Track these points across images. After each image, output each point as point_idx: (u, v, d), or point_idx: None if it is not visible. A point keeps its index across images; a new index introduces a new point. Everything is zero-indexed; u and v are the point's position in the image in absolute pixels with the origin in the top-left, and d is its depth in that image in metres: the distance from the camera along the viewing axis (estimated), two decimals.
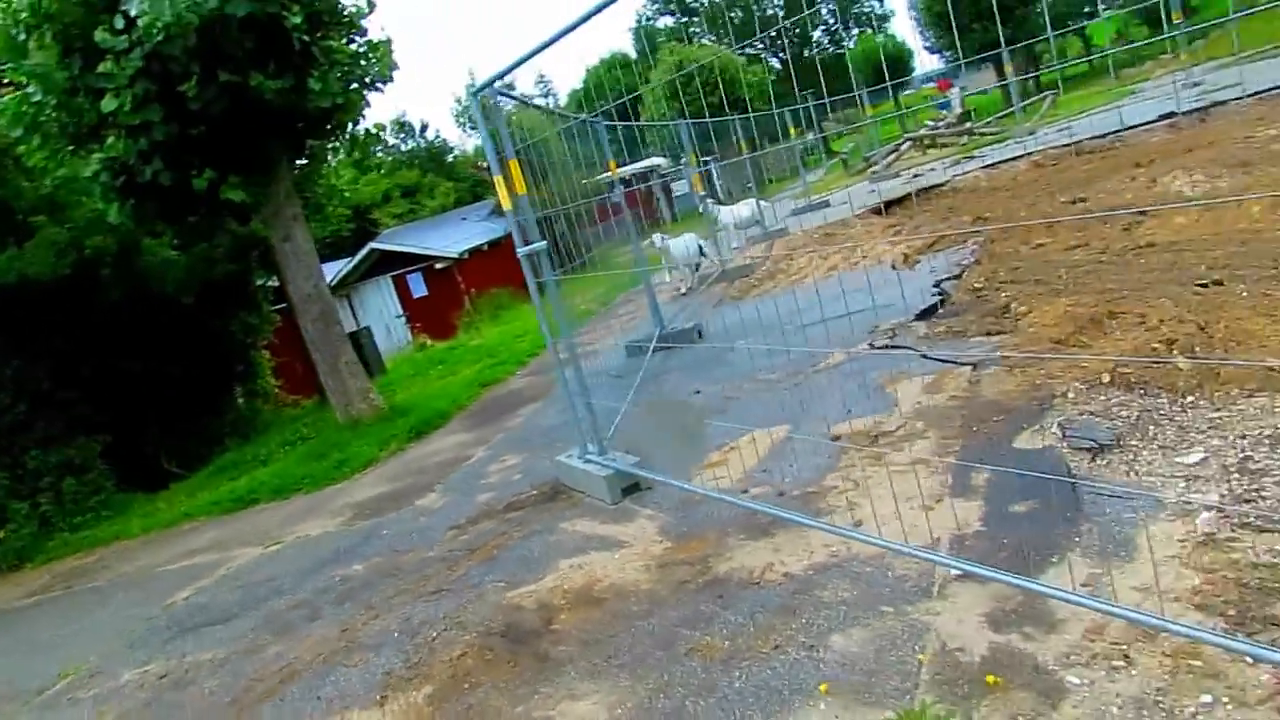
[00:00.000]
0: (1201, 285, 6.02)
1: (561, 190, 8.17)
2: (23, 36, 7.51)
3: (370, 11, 8.82)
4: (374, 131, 11.19)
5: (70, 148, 8.16)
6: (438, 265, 22.11)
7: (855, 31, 74.44)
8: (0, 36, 7.59)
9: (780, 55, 68.61)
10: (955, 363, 5.78)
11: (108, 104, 7.44)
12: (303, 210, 10.27)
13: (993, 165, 17.46)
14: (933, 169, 20.75)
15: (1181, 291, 5.93)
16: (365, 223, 38.52)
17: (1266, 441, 3.58)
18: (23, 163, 8.97)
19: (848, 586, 3.46)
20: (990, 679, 2.61)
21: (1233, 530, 3.06)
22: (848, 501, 4.20)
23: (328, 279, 23.35)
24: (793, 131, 21.40)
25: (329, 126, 9.31)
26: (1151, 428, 4.05)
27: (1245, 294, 5.54)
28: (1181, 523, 3.19)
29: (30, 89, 7.85)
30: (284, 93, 7.95)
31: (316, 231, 13.25)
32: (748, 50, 65.39)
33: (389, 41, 9.06)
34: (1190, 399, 4.26)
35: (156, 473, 11.32)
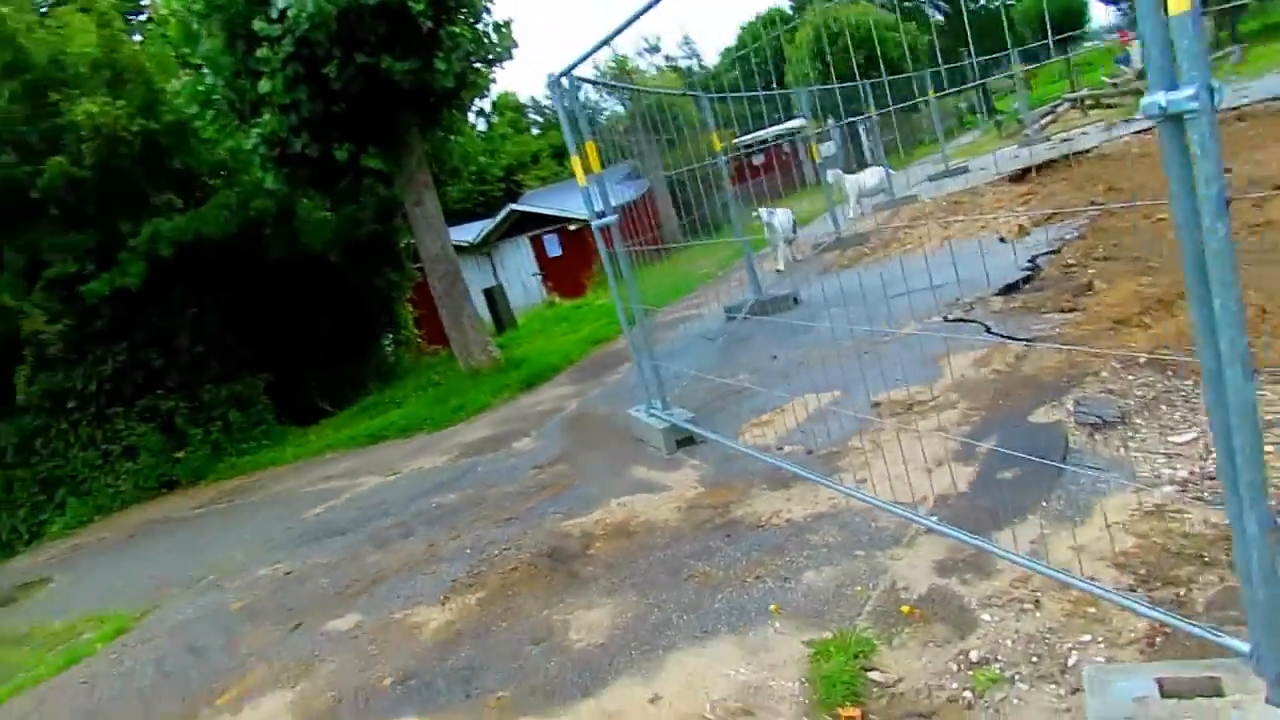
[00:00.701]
0: None
1: (689, 155, 8.72)
2: (196, 26, 8.73)
3: (492, 1, 9.60)
4: (498, 104, 12.06)
5: (236, 123, 9.41)
6: (571, 227, 23.09)
7: None
8: (178, 26, 8.87)
9: (942, 6, 65.35)
10: (1009, 339, 5.95)
11: (264, 85, 8.56)
12: (434, 177, 11.29)
13: (1148, 130, 16.45)
14: (1085, 133, 19.71)
15: (1262, 274, 5.81)
16: (512, 184, 40.27)
17: (1262, 425, 3.71)
18: (199, 135, 10.38)
19: (835, 533, 3.90)
20: (905, 609, 3.04)
21: (1184, 504, 3.29)
22: (862, 461, 4.59)
23: (472, 237, 24.84)
24: (930, 93, 20.67)
25: (456, 101, 10.17)
26: (1164, 407, 4.20)
27: None
28: (1144, 495, 3.43)
29: (204, 71, 9.10)
30: (412, 73, 8.84)
31: (454, 194, 14.36)
32: (908, 5, 62.72)
33: (510, 23, 9.80)
34: None
35: (310, 409, 12.84)
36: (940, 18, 62.02)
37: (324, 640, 4.47)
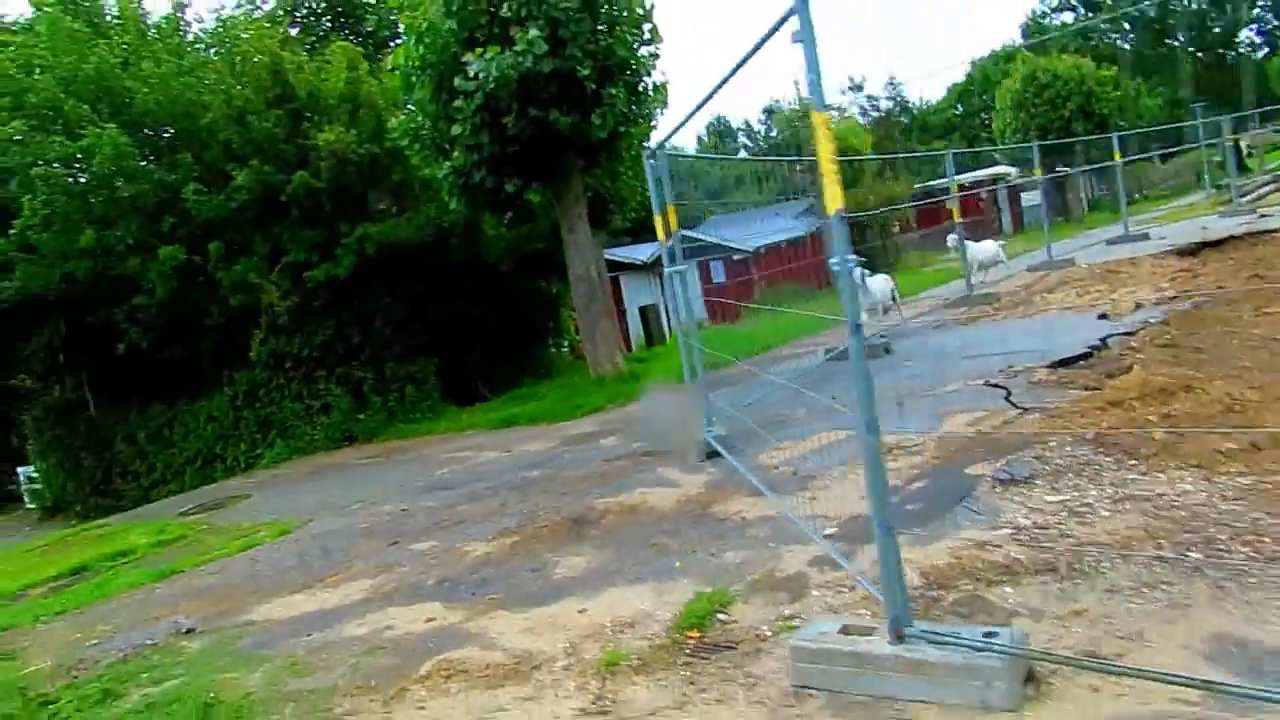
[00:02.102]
0: None
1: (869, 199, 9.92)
2: (413, 79, 10.98)
3: (654, 66, 11.28)
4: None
5: (435, 156, 11.64)
6: (735, 256, 24.50)
7: None
8: (400, 77, 11.18)
9: (1199, 57, 61.12)
10: (1014, 406, 6.75)
11: (456, 129, 10.66)
12: (604, 206, 13.11)
13: None
14: None
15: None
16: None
17: (1118, 497, 4.53)
18: (410, 161, 12.79)
19: (766, 530, 5.08)
20: (756, 577, 4.24)
21: (1003, 542, 4.24)
22: (822, 485, 5.70)
23: (646, 256, 26.76)
24: (1115, 155, 20.22)
25: (612, 149, 11.91)
26: (1069, 476, 5.02)
27: None
28: (986, 531, 4.39)
29: (415, 112, 11.37)
30: (574, 125, 10.63)
31: (618, 222, 16.19)
32: (1162, 51, 59.01)
33: (666, 84, 11.47)
34: (1134, 463, 5.11)
35: (470, 392, 15.06)
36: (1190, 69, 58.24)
37: (407, 554, 6.16)
